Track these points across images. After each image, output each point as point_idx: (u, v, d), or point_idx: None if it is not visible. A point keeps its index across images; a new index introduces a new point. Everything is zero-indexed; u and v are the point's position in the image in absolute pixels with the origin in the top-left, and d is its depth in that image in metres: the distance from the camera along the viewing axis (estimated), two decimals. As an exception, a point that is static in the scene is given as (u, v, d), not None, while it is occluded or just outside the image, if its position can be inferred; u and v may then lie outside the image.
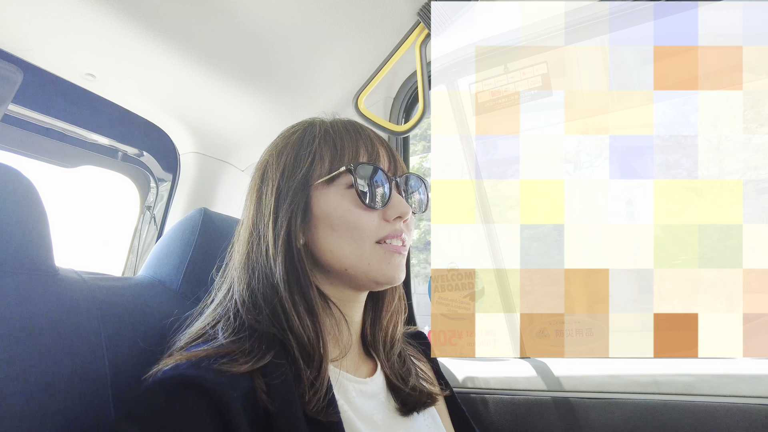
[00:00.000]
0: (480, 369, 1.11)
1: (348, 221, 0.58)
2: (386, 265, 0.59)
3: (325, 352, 0.56)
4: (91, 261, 1.41)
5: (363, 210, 0.59)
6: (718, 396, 0.88)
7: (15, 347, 0.48)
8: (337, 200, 0.59)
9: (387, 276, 0.60)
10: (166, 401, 0.46)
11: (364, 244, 0.59)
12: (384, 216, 0.60)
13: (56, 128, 1.00)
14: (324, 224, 0.59)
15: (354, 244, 0.58)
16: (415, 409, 0.65)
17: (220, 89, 1.00)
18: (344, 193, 0.59)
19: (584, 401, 0.97)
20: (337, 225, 0.58)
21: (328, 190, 0.60)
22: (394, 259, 0.60)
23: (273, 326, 0.55)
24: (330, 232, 0.59)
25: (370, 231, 0.59)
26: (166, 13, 0.81)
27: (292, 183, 0.59)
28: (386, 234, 0.60)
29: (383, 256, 0.59)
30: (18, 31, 0.80)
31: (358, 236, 0.58)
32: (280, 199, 0.59)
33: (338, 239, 0.58)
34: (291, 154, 0.61)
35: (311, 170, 0.60)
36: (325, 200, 0.59)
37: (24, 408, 0.47)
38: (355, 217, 0.58)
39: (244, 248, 0.61)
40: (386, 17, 0.95)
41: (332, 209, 0.59)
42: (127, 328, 0.62)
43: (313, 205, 0.59)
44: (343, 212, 0.58)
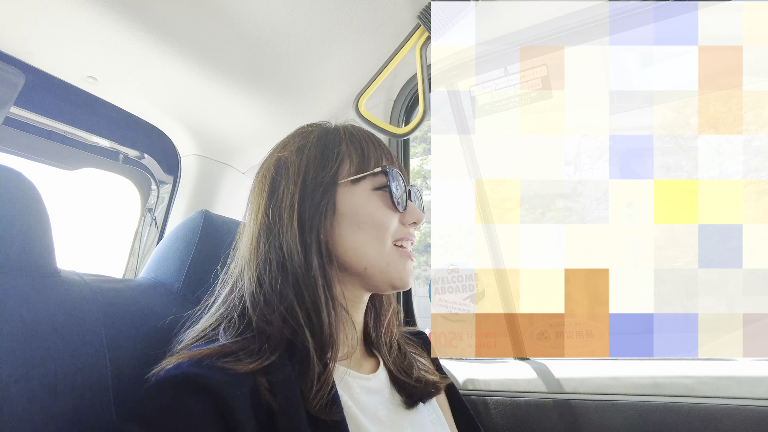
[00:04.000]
0: (480, 371, 1.11)
1: (375, 220, 0.60)
2: (402, 268, 0.62)
3: (336, 349, 0.56)
4: (93, 263, 1.41)
5: (390, 210, 0.62)
6: (718, 398, 0.88)
7: (17, 349, 0.49)
8: (365, 200, 0.61)
9: (402, 279, 0.62)
10: (168, 400, 0.46)
11: (386, 244, 0.61)
12: (401, 220, 0.63)
13: (58, 131, 1.00)
14: (350, 222, 0.60)
15: (377, 243, 0.60)
16: (421, 400, 0.66)
17: (221, 92, 1.01)
18: (371, 194, 0.62)
19: (584, 403, 0.97)
20: (363, 223, 0.60)
21: (354, 189, 0.61)
22: (408, 264, 0.63)
23: (284, 325, 0.55)
24: (355, 229, 0.60)
25: (392, 232, 0.62)
26: (168, 17, 0.81)
27: (321, 179, 0.60)
28: (402, 236, 0.63)
29: (400, 258, 0.62)
30: (20, 34, 0.80)
31: (381, 236, 0.61)
32: (305, 195, 0.59)
33: (363, 237, 0.60)
34: (315, 151, 0.62)
35: (339, 169, 0.61)
36: (351, 198, 0.60)
37: (26, 409, 0.47)
38: (381, 216, 0.61)
39: (254, 246, 0.60)
40: (387, 20, 0.96)
41: (360, 207, 0.60)
42: (129, 330, 0.62)
43: (339, 203, 0.60)
44: (371, 210, 0.60)
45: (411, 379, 0.67)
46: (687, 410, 0.89)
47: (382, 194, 0.62)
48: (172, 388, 0.47)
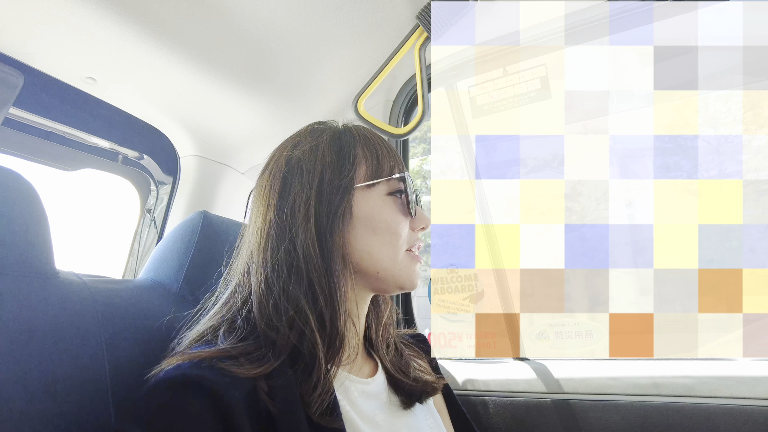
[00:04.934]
0: (479, 371, 1.11)
1: (390, 226, 0.60)
2: (411, 271, 0.63)
3: (343, 353, 0.56)
4: (92, 264, 1.41)
5: (404, 217, 0.63)
6: (718, 398, 0.88)
7: (15, 350, 0.49)
8: (380, 205, 0.61)
9: (411, 281, 0.63)
10: (168, 400, 0.46)
11: (400, 250, 0.62)
12: (411, 226, 0.64)
13: (57, 131, 1.00)
14: (365, 226, 0.60)
15: (391, 248, 0.61)
16: (419, 399, 0.66)
17: (220, 92, 1.01)
18: (386, 199, 0.62)
19: (584, 403, 0.97)
20: (379, 228, 0.60)
21: (369, 194, 0.61)
22: (416, 266, 0.64)
23: (291, 331, 0.53)
24: (371, 234, 0.60)
25: (404, 238, 0.62)
26: (167, 17, 0.81)
27: (338, 182, 0.59)
28: (413, 243, 0.64)
29: (410, 262, 0.63)
30: (19, 35, 0.80)
31: (395, 241, 0.61)
32: (322, 197, 0.59)
33: (378, 242, 0.60)
34: (331, 153, 0.61)
35: (356, 173, 0.61)
36: (366, 203, 0.60)
37: (24, 410, 0.47)
38: (396, 223, 0.61)
39: (262, 245, 0.58)
40: (386, 20, 0.96)
41: (376, 213, 0.60)
42: (128, 331, 0.62)
43: (354, 207, 0.60)
44: (387, 216, 0.61)
45: (408, 378, 0.67)
46: (687, 410, 0.89)
47: (396, 200, 0.62)
48: (171, 389, 0.47)
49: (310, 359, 0.53)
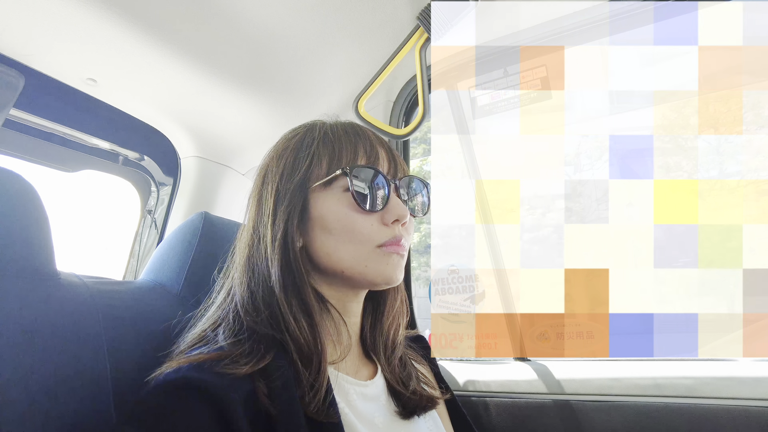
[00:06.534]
0: (480, 372, 1.11)
1: (345, 225, 0.58)
2: (384, 266, 0.59)
3: (323, 354, 0.56)
4: (93, 265, 1.41)
5: (360, 213, 0.58)
6: (720, 399, 0.88)
7: (17, 351, 0.49)
8: (334, 203, 0.59)
9: (384, 276, 0.59)
10: (168, 404, 0.46)
11: (363, 248, 0.58)
12: (382, 219, 0.59)
13: (57, 133, 1.00)
14: (321, 227, 0.59)
15: (352, 247, 0.58)
16: (416, 413, 0.65)
17: (220, 93, 1.01)
18: (341, 197, 0.59)
19: (585, 404, 0.97)
20: (334, 228, 0.58)
21: (326, 193, 0.60)
22: (392, 259, 0.60)
23: (271, 328, 0.55)
24: (327, 235, 0.58)
25: (369, 235, 0.58)
26: (168, 18, 0.81)
27: (290, 185, 0.59)
28: (386, 240, 0.59)
29: (381, 258, 0.59)
30: (20, 37, 0.80)
31: (356, 239, 0.58)
32: (279, 201, 0.59)
33: (335, 242, 0.58)
34: (290, 156, 0.62)
35: (309, 173, 0.60)
36: (321, 203, 0.59)
37: (26, 412, 0.47)
38: (351, 221, 0.58)
39: (244, 250, 0.61)
40: (386, 21, 0.96)
41: (328, 212, 0.59)
42: (129, 332, 0.62)
43: (311, 208, 0.59)
44: (339, 216, 0.58)
45: (407, 391, 0.66)
46: (688, 411, 0.89)
47: (351, 196, 0.58)
48: (171, 392, 0.47)
49: (297, 356, 0.54)
